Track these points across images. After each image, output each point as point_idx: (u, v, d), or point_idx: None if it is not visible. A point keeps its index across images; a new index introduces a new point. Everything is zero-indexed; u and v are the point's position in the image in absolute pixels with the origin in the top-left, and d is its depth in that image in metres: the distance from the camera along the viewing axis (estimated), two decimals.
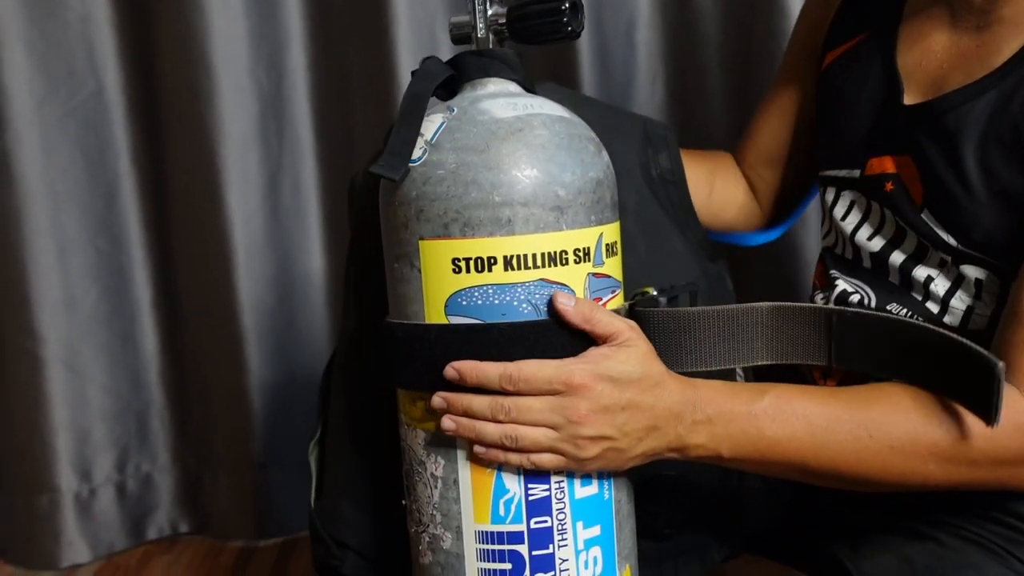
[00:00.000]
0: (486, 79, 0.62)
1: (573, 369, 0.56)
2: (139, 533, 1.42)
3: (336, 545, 0.72)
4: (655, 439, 0.58)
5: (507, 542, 0.59)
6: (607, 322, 0.58)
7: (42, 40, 1.29)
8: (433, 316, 0.59)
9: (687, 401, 0.59)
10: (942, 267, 0.67)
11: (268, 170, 1.35)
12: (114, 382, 1.38)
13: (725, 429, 0.59)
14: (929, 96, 0.68)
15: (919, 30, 0.71)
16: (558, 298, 0.57)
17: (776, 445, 0.59)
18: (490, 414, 0.57)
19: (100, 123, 1.34)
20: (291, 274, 1.38)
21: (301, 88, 1.35)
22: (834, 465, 0.60)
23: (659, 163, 0.74)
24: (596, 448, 0.57)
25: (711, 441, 0.59)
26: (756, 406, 0.59)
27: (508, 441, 0.57)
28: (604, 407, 0.56)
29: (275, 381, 1.38)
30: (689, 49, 1.33)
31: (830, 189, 0.77)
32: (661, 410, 0.58)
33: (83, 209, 1.34)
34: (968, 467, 0.59)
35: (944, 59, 0.68)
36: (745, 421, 0.59)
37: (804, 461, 0.60)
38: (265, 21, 1.32)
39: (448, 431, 0.58)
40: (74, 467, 1.37)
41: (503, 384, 0.56)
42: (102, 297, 1.36)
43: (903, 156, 0.69)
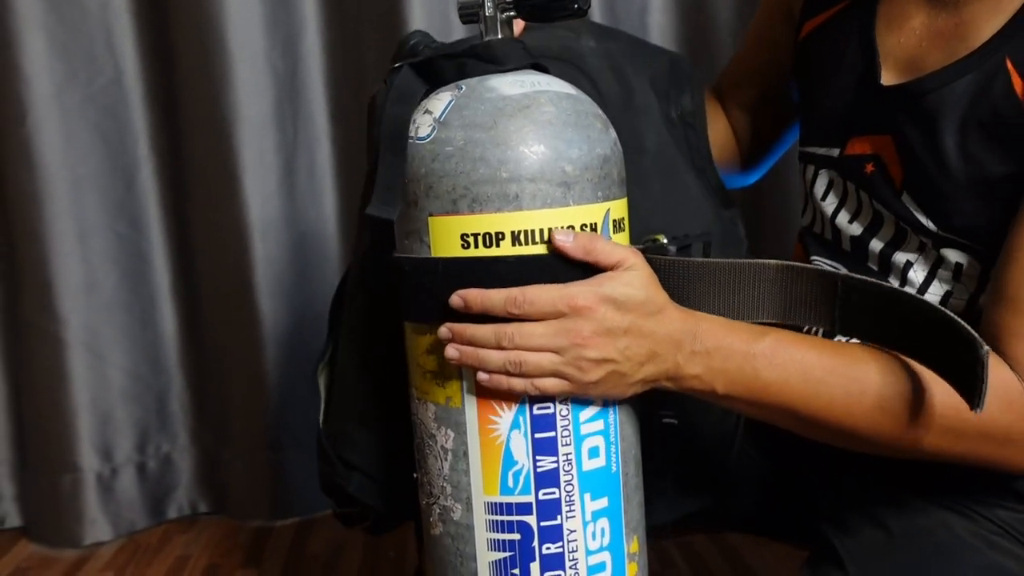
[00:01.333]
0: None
1: (576, 291, 0.56)
2: (159, 512, 1.45)
3: (342, 465, 0.73)
4: (654, 365, 0.58)
5: (516, 513, 0.60)
6: (608, 251, 0.57)
7: (62, 27, 1.31)
8: None
9: (687, 330, 0.59)
10: (921, 251, 0.67)
11: (284, 153, 1.37)
12: (134, 364, 1.41)
13: (722, 364, 0.59)
14: (907, 76, 0.67)
15: (898, 6, 0.69)
16: (556, 235, 0.57)
17: (769, 387, 0.59)
18: (494, 341, 0.56)
19: (119, 109, 1.36)
20: (307, 256, 1.40)
21: (316, 72, 1.37)
22: (823, 416, 0.60)
23: (681, 104, 0.74)
24: (599, 371, 0.57)
25: (707, 374, 0.59)
26: (755, 346, 0.59)
27: (512, 367, 0.56)
28: (607, 329, 0.56)
29: (292, 362, 1.40)
30: (702, 32, 1.33)
31: (809, 166, 0.76)
32: (662, 336, 0.58)
33: (103, 193, 1.36)
34: (956, 438, 0.59)
35: (923, 37, 0.67)
36: (742, 359, 0.59)
37: (794, 407, 0.60)
38: (280, 7, 1.34)
39: (452, 360, 0.58)
40: (96, 447, 1.39)
41: (508, 308, 0.56)
42: (122, 280, 1.39)
43: (883, 136, 0.68)
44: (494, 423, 0.60)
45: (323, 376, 0.79)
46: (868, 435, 0.60)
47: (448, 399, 0.61)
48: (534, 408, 0.60)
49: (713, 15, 1.32)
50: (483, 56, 0.61)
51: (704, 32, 1.33)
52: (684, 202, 0.72)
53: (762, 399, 0.60)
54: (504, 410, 0.60)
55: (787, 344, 0.60)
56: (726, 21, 1.32)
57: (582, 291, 0.56)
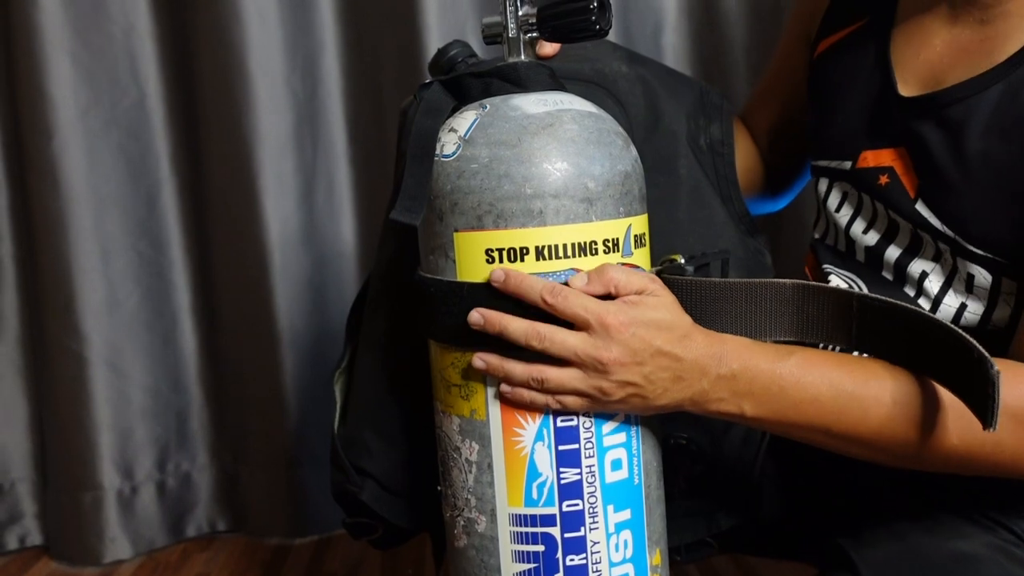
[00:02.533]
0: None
1: (608, 308, 0.58)
2: (179, 531, 1.46)
3: (356, 472, 0.74)
4: (679, 391, 0.59)
5: (540, 524, 0.61)
6: (627, 281, 0.59)
7: (87, 52, 1.34)
8: None
9: (713, 355, 0.59)
10: (937, 260, 0.68)
11: (303, 175, 1.39)
12: (155, 382, 1.42)
13: (748, 386, 0.59)
14: (928, 89, 0.68)
15: (917, 22, 0.70)
16: (573, 282, 0.58)
17: (799, 406, 0.59)
18: (524, 338, 0.58)
19: (142, 130, 1.38)
20: (325, 276, 1.41)
21: (335, 95, 1.39)
22: (856, 431, 0.60)
23: (710, 132, 0.75)
24: (622, 393, 0.58)
25: (733, 397, 0.60)
26: (781, 365, 0.60)
27: (535, 382, 0.58)
28: (633, 351, 0.57)
29: (310, 381, 1.41)
30: (715, 52, 1.34)
31: (823, 180, 0.77)
32: (688, 362, 0.59)
33: (125, 214, 1.39)
34: (992, 447, 0.59)
35: (944, 52, 0.68)
36: (768, 379, 0.59)
37: (826, 425, 0.60)
38: (300, 31, 1.36)
39: (479, 368, 0.60)
40: (116, 465, 1.40)
41: (544, 295, 0.57)
42: (143, 299, 1.40)
43: (898, 148, 0.69)
44: (518, 435, 0.61)
45: (340, 383, 0.80)
46: (901, 447, 0.60)
47: (473, 412, 0.62)
48: (558, 420, 0.61)
49: (727, 35, 1.34)
50: (508, 77, 0.63)
51: (717, 53, 1.34)
52: (709, 227, 0.73)
53: (791, 418, 0.60)
54: (528, 422, 0.61)
55: (815, 361, 0.60)
56: (740, 41, 1.33)
57: (613, 309, 0.58)
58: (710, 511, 0.73)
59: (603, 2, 0.61)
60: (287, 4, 1.35)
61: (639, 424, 0.63)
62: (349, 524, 0.79)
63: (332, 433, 0.77)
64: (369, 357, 0.76)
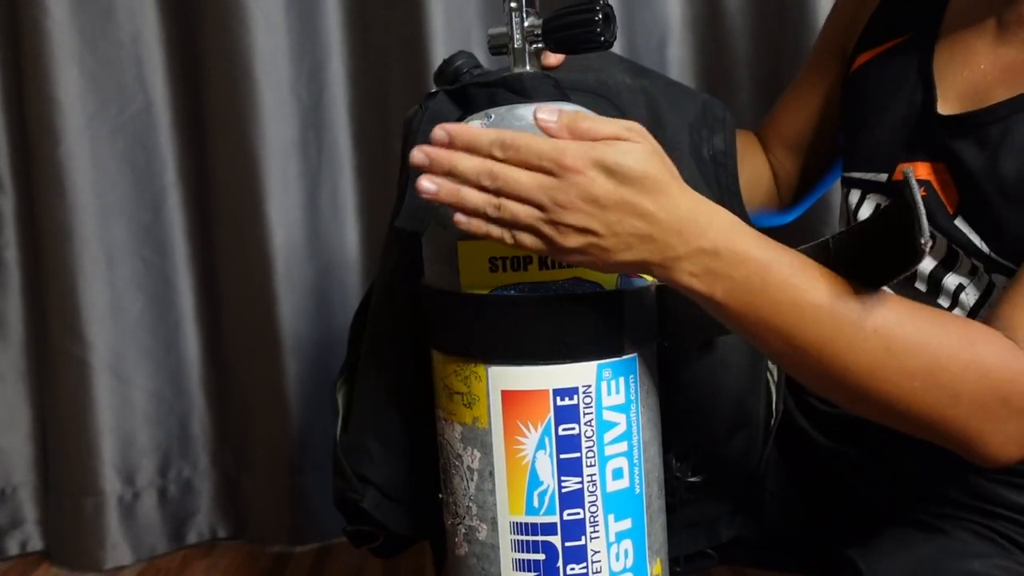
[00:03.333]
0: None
1: (567, 148, 0.52)
2: (179, 537, 1.46)
3: (358, 479, 0.73)
4: (647, 250, 0.54)
5: (541, 533, 0.61)
6: (598, 126, 0.53)
7: (94, 58, 1.35)
8: None
9: (696, 220, 0.54)
10: (973, 275, 0.68)
11: (308, 181, 1.39)
12: (157, 388, 1.42)
13: (729, 269, 0.54)
14: (970, 107, 0.68)
15: (961, 40, 0.71)
16: (539, 113, 0.54)
17: (776, 307, 0.54)
18: (475, 176, 0.53)
19: (148, 137, 1.39)
20: (329, 283, 1.42)
21: (340, 102, 1.40)
22: (818, 350, 0.55)
23: (712, 143, 0.73)
24: (578, 239, 0.53)
25: (708, 275, 0.54)
26: (773, 258, 0.54)
27: (491, 210, 0.53)
28: (594, 197, 0.52)
29: (313, 389, 1.42)
30: (720, 66, 1.35)
31: (855, 191, 0.77)
32: (661, 219, 0.53)
33: (130, 220, 1.39)
34: (951, 397, 0.56)
35: (988, 71, 0.68)
36: (754, 269, 0.54)
37: (801, 338, 0.55)
38: (306, 38, 1.37)
39: (427, 194, 0.55)
40: (118, 471, 1.41)
41: (493, 149, 0.53)
42: (147, 305, 1.41)
43: (937, 163, 0.69)
44: (520, 444, 0.61)
45: (342, 391, 0.80)
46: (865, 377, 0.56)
47: (475, 419, 0.62)
48: (559, 429, 0.61)
49: (731, 49, 1.34)
50: (514, 88, 0.63)
51: (722, 65, 1.35)
52: None
53: (764, 318, 0.55)
54: (530, 431, 0.61)
55: (807, 266, 0.55)
56: (744, 54, 1.34)
57: (572, 149, 0.52)
58: (711, 522, 0.73)
59: (608, 14, 0.62)
60: (293, 11, 1.36)
61: (641, 433, 0.63)
62: (350, 532, 0.80)
63: (334, 440, 0.77)
64: (371, 365, 0.76)
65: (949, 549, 0.66)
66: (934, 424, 0.58)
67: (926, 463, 0.70)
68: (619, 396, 0.62)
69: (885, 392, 0.56)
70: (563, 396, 0.60)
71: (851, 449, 0.75)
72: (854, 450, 0.75)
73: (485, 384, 0.61)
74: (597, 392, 0.61)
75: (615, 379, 0.61)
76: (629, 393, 0.62)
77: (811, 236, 1.28)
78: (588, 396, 0.60)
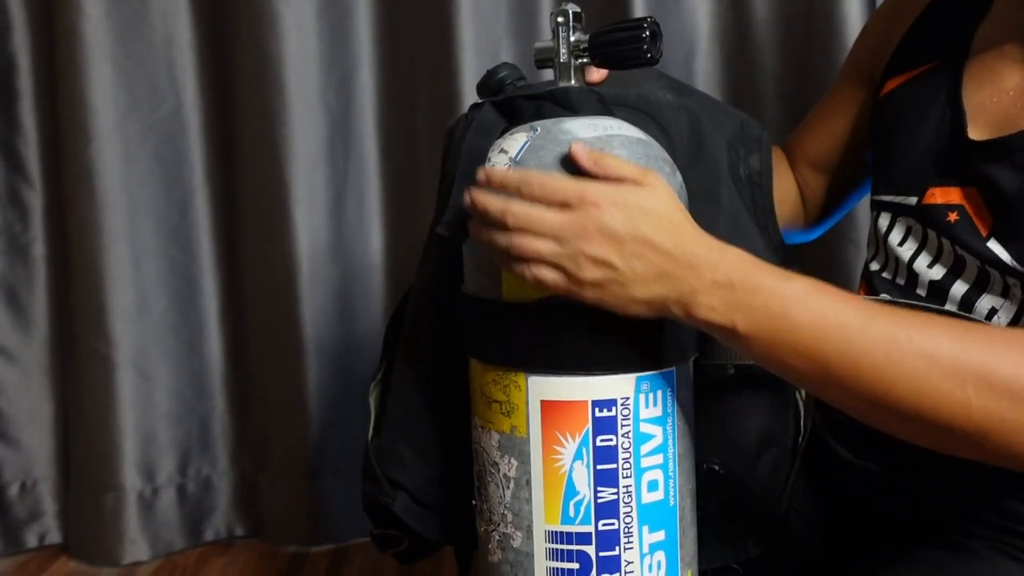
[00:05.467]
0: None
1: (588, 185, 0.56)
2: (197, 534, 1.47)
3: (389, 484, 0.74)
4: (663, 286, 0.55)
5: (576, 542, 0.62)
6: (618, 166, 0.56)
7: (128, 59, 1.37)
8: None
9: (709, 257, 0.55)
10: (1006, 295, 0.68)
11: (334, 188, 1.40)
12: (179, 387, 1.44)
13: (746, 299, 0.54)
14: (1000, 132, 0.68)
15: (990, 67, 0.71)
16: (573, 145, 0.58)
17: (798, 330, 0.54)
18: (499, 216, 0.57)
19: (177, 138, 1.40)
20: (352, 288, 1.43)
21: (368, 110, 1.41)
22: (858, 369, 0.54)
23: (749, 163, 0.74)
24: (596, 272, 0.55)
25: (726, 307, 0.55)
26: (787, 284, 0.55)
27: (513, 250, 0.57)
28: (612, 230, 0.55)
29: (333, 392, 1.43)
30: (746, 79, 1.36)
31: (884, 214, 0.77)
32: (678, 256, 0.55)
33: (158, 220, 1.41)
34: (1012, 402, 0.53)
35: (1016, 98, 0.68)
36: (770, 296, 0.54)
37: (825, 357, 0.54)
38: (337, 47, 1.38)
39: (472, 234, 0.61)
40: (138, 468, 1.42)
41: (519, 186, 0.57)
42: (172, 305, 1.42)
43: (968, 188, 0.69)
44: (558, 453, 0.62)
45: (375, 394, 0.81)
46: (907, 394, 0.54)
47: (513, 428, 0.63)
48: (597, 440, 0.61)
49: (757, 63, 1.35)
50: (560, 101, 0.64)
51: (748, 78, 1.36)
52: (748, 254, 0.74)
53: (789, 343, 0.54)
54: (568, 441, 0.61)
55: (825, 288, 0.56)
56: (770, 69, 1.35)
57: (594, 188, 0.56)
58: (739, 537, 0.73)
59: (655, 31, 0.62)
60: (325, 19, 1.37)
61: (676, 445, 0.64)
62: (377, 536, 0.80)
63: (366, 443, 0.78)
64: (407, 371, 0.77)
65: (979, 570, 0.66)
66: (993, 434, 0.54)
67: (956, 483, 0.70)
68: (656, 409, 0.62)
69: (936, 405, 0.54)
70: (602, 408, 0.61)
71: (879, 467, 0.76)
72: (883, 468, 0.75)
73: (524, 393, 0.62)
74: (635, 404, 0.61)
75: (653, 392, 0.62)
76: (666, 406, 0.63)
77: (834, 252, 1.30)
78: (626, 408, 0.61)
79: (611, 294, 0.56)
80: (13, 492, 1.46)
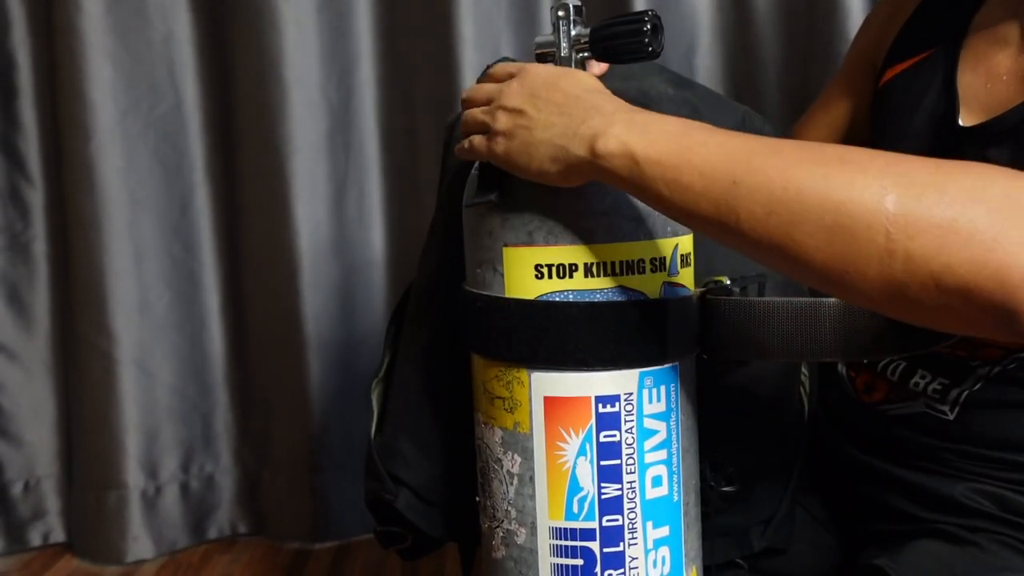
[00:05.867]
0: None
1: (525, 65, 0.62)
2: (200, 532, 1.47)
3: (391, 480, 0.74)
4: (566, 123, 0.56)
5: (580, 538, 0.62)
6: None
7: (128, 56, 1.36)
8: None
9: (615, 103, 0.57)
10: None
11: (335, 182, 1.40)
12: (182, 383, 1.44)
13: (648, 125, 0.53)
14: (991, 117, 0.68)
15: (985, 52, 0.71)
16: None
17: (703, 147, 0.51)
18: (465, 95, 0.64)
19: (178, 135, 1.40)
20: (354, 283, 1.43)
21: (369, 104, 1.40)
22: (767, 181, 0.48)
23: None
24: (508, 121, 0.58)
25: (627, 133, 0.53)
26: (689, 121, 0.54)
27: (461, 127, 0.63)
28: (531, 86, 0.59)
29: (335, 388, 1.42)
30: (748, 74, 1.35)
31: None
32: (585, 99, 0.57)
33: (159, 216, 1.40)
34: (934, 200, 0.45)
35: (1010, 82, 0.68)
36: (672, 123, 0.53)
37: (731, 168, 0.49)
38: (337, 40, 1.38)
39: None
40: (142, 465, 1.42)
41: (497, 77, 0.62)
42: (174, 301, 1.42)
43: None
44: (561, 449, 0.61)
45: (377, 391, 0.81)
46: (815, 212, 0.47)
47: (517, 424, 0.63)
48: (601, 435, 0.61)
49: (759, 57, 1.34)
50: None
51: (749, 75, 1.35)
52: None
53: (693, 161, 0.50)
54: (572, 436, 0.61)
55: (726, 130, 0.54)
56: (772, 63, 1.34)
57: (534, 64, 0.62)
58: (743, 532, 0.73)
59: (656, 24, 0.62)
60: (324, 13, 1.37)
61: (680, 441, 0.64)
62: (380, 533, 0.80)
63: (368, 441, 0.78)
64: (409, 367, 0.77)
65: (984, 562, 0.66)
66: (910, 241, 0.45)
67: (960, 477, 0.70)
68: (660, 404, 0.62)
69: (848, 198, 0.46)
70: (605, 403, 0.61)
71: (882, 463, 0.76)
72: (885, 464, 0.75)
73: (528, 390, 0.62)
74: (639, 400, 0.61)
75: (656, 387, 0.62)
76: (670, 401, 0.62)
77: None
78: (630, 404, 0.61)
79: (519, 142, 0.58)
80: (16, 491, 1.46)
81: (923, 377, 0.71)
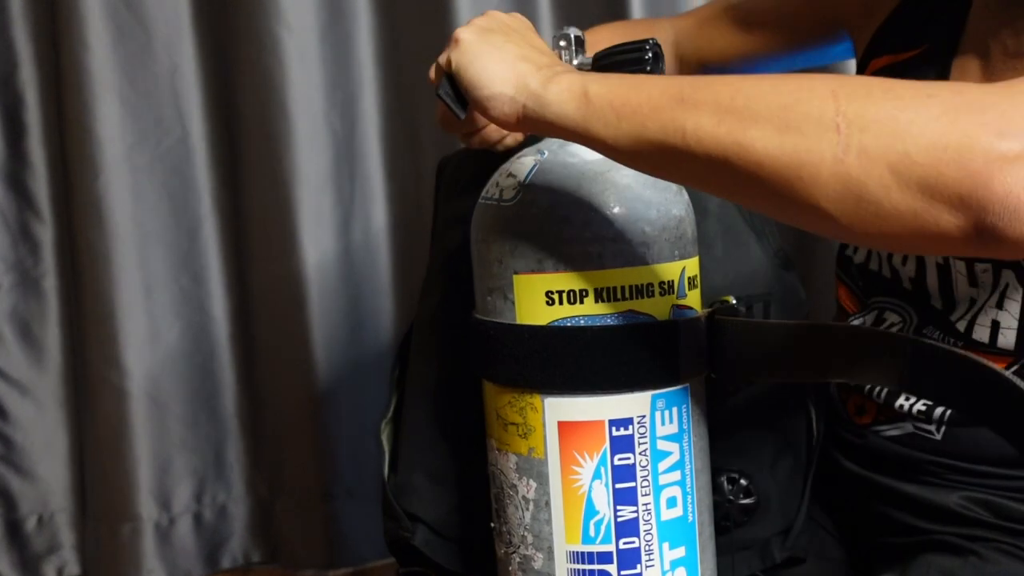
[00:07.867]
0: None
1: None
2: (214, 562, 1.47)
3: (408, 518, 0.74)
4: (528, 55, 0.57)
5: (597, 562, 0.62)
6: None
7: (134, 92, 1.38)
8: None
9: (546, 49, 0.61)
10: (975, 285, 0.68)
11: (341, 211, 1.41)
12: (193, 414, 1.44)
13: (596, 76, 0.54)
14: None
15: (979, 57, 0.70)
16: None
17: (650, 81, 0.51)
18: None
19: (185, 167, 1.41)
20: (361, 311, 1.43)
21: (373, 133, 1.42)
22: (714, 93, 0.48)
23: None
24: (475, 34, 0.59)
25: (581, 78, 0.54)
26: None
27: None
28: (504, 21, 0.61)
29: (345, 415, 1.43)
30: None
31: None
32: (548, 52, 0.60)
33: (168, 248, 1.42)
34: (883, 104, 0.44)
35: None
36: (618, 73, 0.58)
37: (680, 92, 0.49)
38: (340, 70, 1.39)
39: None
40: (155, 497, 1.42)
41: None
42: (184, 332, 1.43)
43: None
44: (577, 473, 0.62)
45: (386, 432, 0.81)
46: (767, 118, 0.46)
47: (531, 450, 0.63)
48: (615, 458, 0.62)
49: None
50: None
51: None
52: (746, 263, 0.74)
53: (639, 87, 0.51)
54: (587, 460, 0.62)
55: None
56: None
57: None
58: (765, 544, 0.74)
59: (657, 53, 0.63)
60: (327, 44, 1.39)
61: (693, 462, 0.64)
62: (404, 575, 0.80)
63: (382, 483, 0.78)
64: (419, 403, 0.77)
65: (984, 572, 0.67)
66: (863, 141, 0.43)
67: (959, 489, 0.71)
68: (672, 426, 0.63)
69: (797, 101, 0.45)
70: (618, 426, 0.61)
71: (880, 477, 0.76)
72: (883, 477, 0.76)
73: (541, 415, 0.62)
74: (651, 422, 0.62)
75: (668, 409, 0.62)
76: (682, 422, 0.63)
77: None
78: (643, 426, 0.62)
79: (481, 52, 0.57)
80: (30, 525, 1.46)
81: (907, 399, 0.72)
